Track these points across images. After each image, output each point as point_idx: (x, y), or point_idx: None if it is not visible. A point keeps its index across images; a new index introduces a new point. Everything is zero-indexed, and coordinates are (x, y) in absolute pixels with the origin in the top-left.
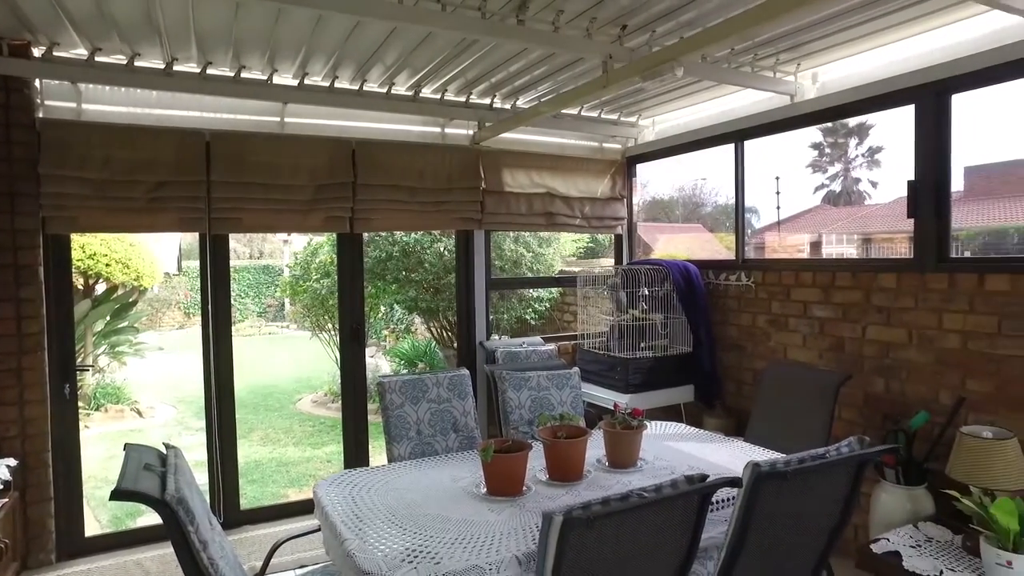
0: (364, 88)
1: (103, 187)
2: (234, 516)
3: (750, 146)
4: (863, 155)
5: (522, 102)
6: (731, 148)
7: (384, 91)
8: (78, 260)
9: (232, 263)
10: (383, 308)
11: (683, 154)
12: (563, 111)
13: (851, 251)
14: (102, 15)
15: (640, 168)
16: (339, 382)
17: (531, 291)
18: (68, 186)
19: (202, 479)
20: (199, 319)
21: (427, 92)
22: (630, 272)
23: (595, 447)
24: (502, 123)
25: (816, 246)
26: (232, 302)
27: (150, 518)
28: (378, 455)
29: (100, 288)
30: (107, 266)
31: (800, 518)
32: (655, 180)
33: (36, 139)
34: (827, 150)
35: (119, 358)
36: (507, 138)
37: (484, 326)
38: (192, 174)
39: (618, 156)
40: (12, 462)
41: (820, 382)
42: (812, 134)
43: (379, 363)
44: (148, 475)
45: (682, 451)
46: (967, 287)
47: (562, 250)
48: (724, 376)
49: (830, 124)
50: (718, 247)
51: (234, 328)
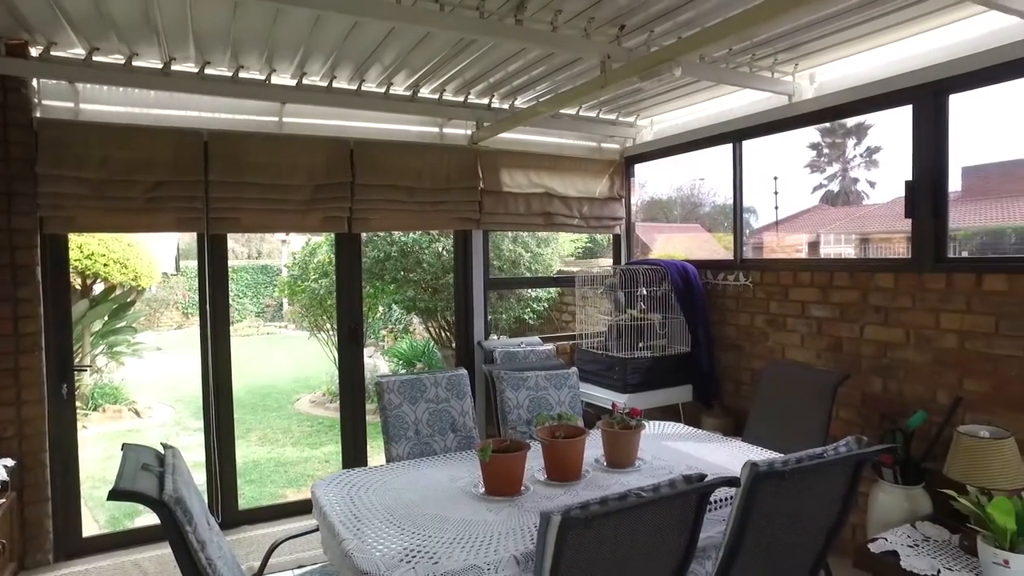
0: (362, 88)
1: (101, 187)
2: (232, 516)
3: (748, 146)
4: (861, 155)
5: (520, 102)
6: (729, 148)
7: (382, 91)
8: (76, 260)
9: (230, 263)
10: (381, 308)
11: (681, 154)
12: (561, 111)
13: (849, 251)
14: (100, 15)
15: (638, 168)
16: (337, 382)
17: (529, 291)
18: (65, 186)
19: (200, 479)
20: (197, 319)
21: (425, 92)
22: (628, 272)
23: (593, 447)
24: (500, 123)
25: (814, 246)
26: (230, 302)
27: (148, 518)
28: (376, 455)
29: (98, 288)
30: (105, 266)
31: (798, 518)
32: (653, 180)
33: (33, 139)
34: (825, 150)
35: (117, 358)
36: (505, 138)
37: (482, 326)
38: (190, 174)
39: (616, 156)
40: (9, 462)
41: (818, 382)
42: (810, 134)
43: (377, 363)
44: (146, 475)
45: (680, 451)
46: (964, 287)
47: (560, 250)
48: (722, 376)
49: (828, 124)
50: (716, 247)
51: (232, 328)
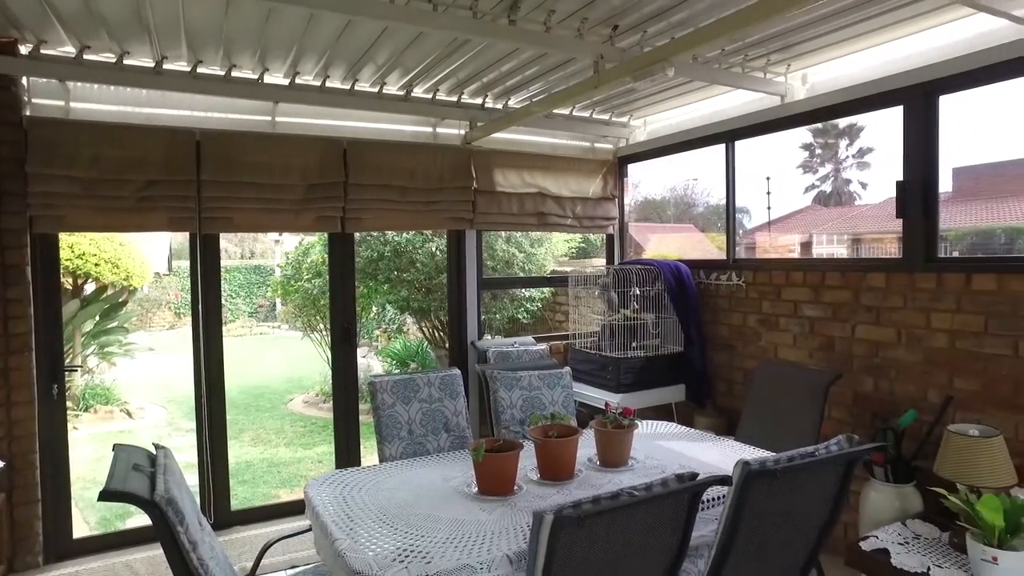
0: (355, 87)
1: (91, 186)
2: (225, 517)
3: (741, 146)
4: (853, 156)
5: (514, 102)
6: (722, 148)
7: (375, 91)
8: (67, 260)
9: (223, 263)
10: (375, 308)
11: (674, 154)
12: (555, 111)
13: (841, 251)
14: (90, 12)
15: (631, 168)
16: (330, 382)
17: (523, 291)
18: (56, 185)
19: (192, 480)
20: (189, 319)
21: (418, 92)
22: (621, 272)
23: (586, 446)
24: (494, 123)
25: (807, 246)
26: (223, 302)
27: (140, 519)
28: (370, 455)
29: (89, 288)
30: (96, 266)
31: (790, 516)
32: (647, 180)
33: (23, 137)
34: (818, 151)
35: (108, 358)
36: (499, 138)
37: (476, 326)
38: (182, 173)
39: (609, 156)
40: None
41: (810, 381)
42: (803, 135)
43: (371, 363)
44: (137, 475)
45: (673, 450)
46: (954, 287)
47: (554, 250)
48: (715, 375)
49: (820, 125)
50: (709, 247)
51: (225, 328)
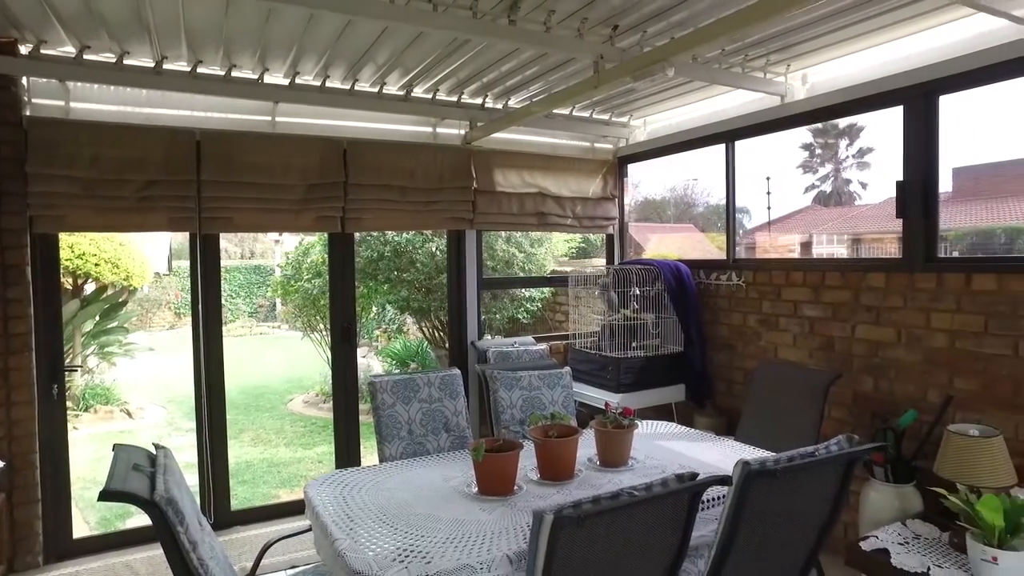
0: (355, 87)
1: (91, 186)
2: (225, 517)
3: (741, 146)
4: (853, 156)
5: (514, 102)
6: (722, 148)
7: (375, 91)
8: (67, 260)
9: (223, 263)
10: (375, 308)
11: (674, 154)
12: (555, 111)
13: (841, 251)
14: (90, 12)
15: (632, 168)
16: (330, 382)
17: (523, 291)
18: (56, 185)
19: (192, 480)
20: (189, 319)
21: (418, 92)
22: (621, 272)
23: (586, 446)
24: (494, 123)
25: (807, 246)
26: (223, 302)
27: (140, 519)
28: (370, 455)
29: (89, 288)
30: (96, 266)
31: (790, 516)
32: (647, 180)
33: (23, 137)
34: (818, 151)
35: (108, 358)
36: (499, 138)
37: (476, 326)
38: (182, 173)
39: (609, 156)
40: None
41: (810, 381)
42: (803, 135)
43: (371, 363)
44: (137, 475)
45: (673, 450)
46: (954, 287)
47: (554, 250)
48: (715, 375)
49: (820, 125)
50: (709, 247)
51: (225, 328)
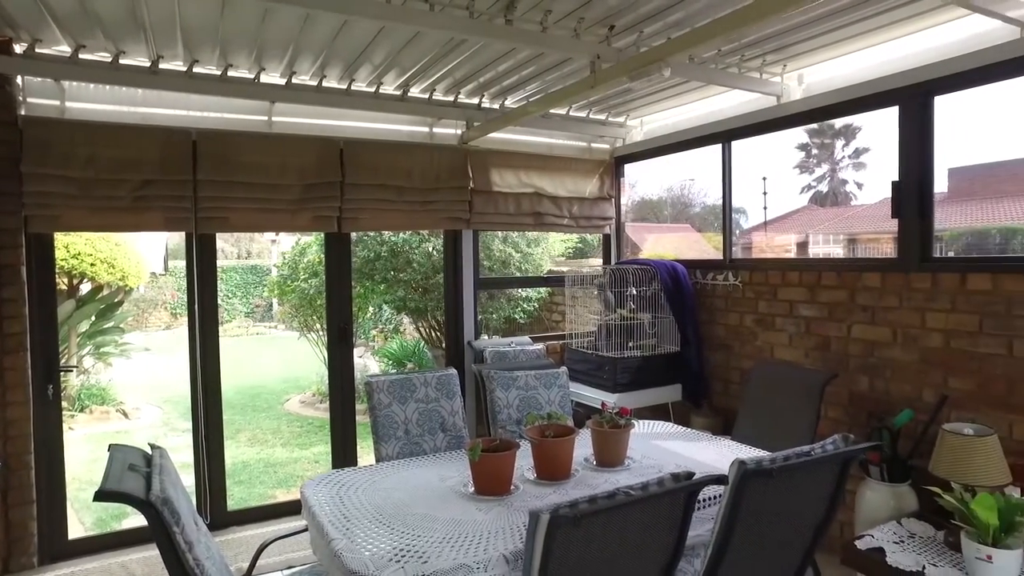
0: (352, 87)
1: (87, 186)
2: (221, 517)
3: (737, 147)
4: (849, 156)
5: (510, 102)
6: (719, 148)
7: (372, 90)
8: (62, 260)
9: (219, 263)
10: (371, 308)
11: (671, 154)
12: (551, 111)
13: (837, 251)
14: (85, 12)
15: (628, 168)
16: (327, 382)
17: (519, 291)
18: (51, 184)
19: (188, 480)
20: (186, 319)
21: (415, 91)
22: (618, 272)
23: (583, 446)
24: (490, 123)
25: (803, 246)
26: (219, 302)
27: (135, 520)
28: (366, 455)
29: (85, 288)
30: (92, 266)
31: (786, 515)
32: (644, 180)
33: (18, 137)
34: (814, 151)
35: (104, 359)
36: (495, 138)
37: (472, 326)
38: (178, 173)
39: (606, 156)
40: None
41: (806, 381)
42: (799, 135)
43: (368, 363)
44: (133, 476)
45: (669, 450)
46: (949, 286)
47: (551, 250)
48: (711, 375)
49: (816, 126)
50: (706, 247)
51: (221, 328)
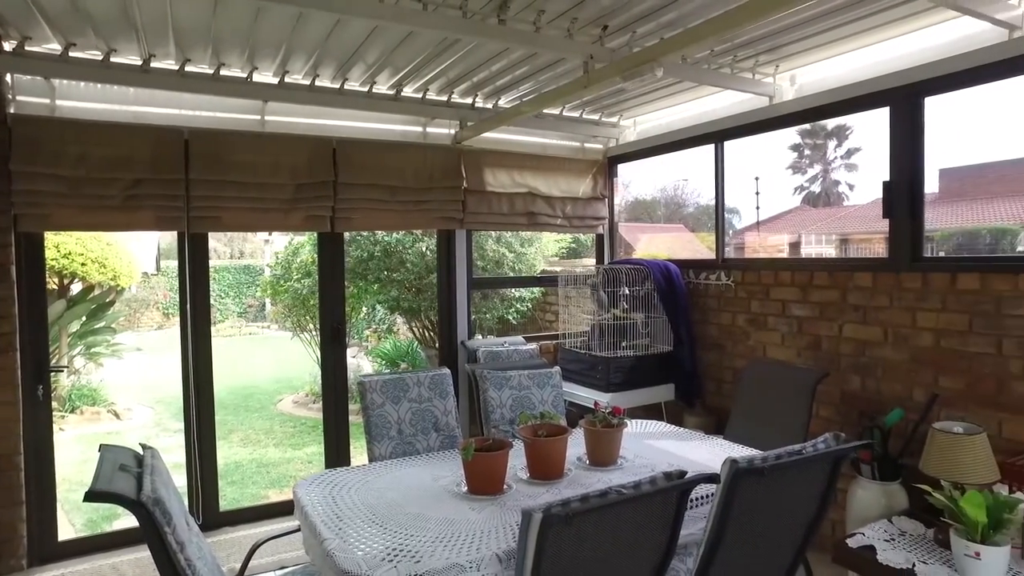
0: (345, 87)
1: (78, 184)
2: (213, 518)
3: (730, 147)
4: (841, 157)
5: (504, 102)
6: (711, 149)
7: (365, 90)
8: (52, 259)
9: (212, 263)
10: (365, 308)
11: (664, 154)
12: (544, 111)
13: (830, 251)
14: (76, 10)
15: (621, 168)
16: (320, 382)
17: (513, 291)
18: (41, 183)
19: (180, 481)
20: (178, 319)
21: (408, 91)
22: (611, 272)
23: (576, 445)
24: (484, 122)
25: (795, 246)
26: (212, 302)
27: (127, 521)
28: (359, 455)
29: (76, 288)
30: (83, 265)
31: (777, 514)
32: (637, 181)
33: (7, 135)
34: (807, 152)
35: (95, 359)
36: (489, 137)
37: (466, 326)
38: (170, 172)
39: (599, 156)
40: None
41: (798, 380)
42: (792, 136)
43: (361, 363)
44: (124, 476)
45: (662, 449)
46: (940, 286)
47: (544, 250)
48: (704, 375)
49: (809, 126)
50: (699, 247)
51: (214, 328)
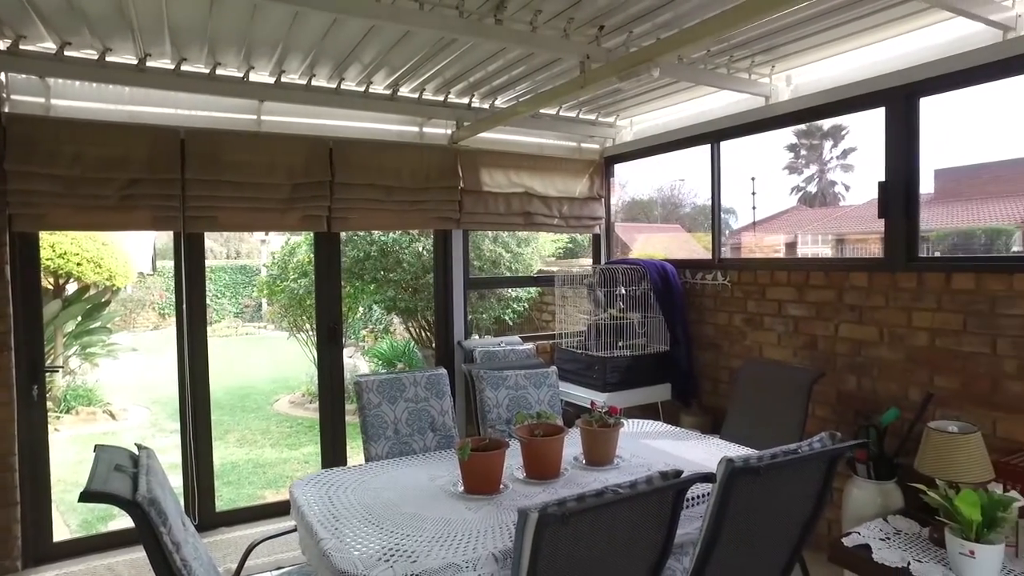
0: (342, 86)
1: (73, 184)
2: (209, 518)
3: (727, 147)
4: (837, 157)
5: (500, 102)
6: (708, 149)
7: (362, 89)
8: (48, 259)
9: (208, 263)
10: (361, 308)
11: (661, 154)
12: (541, 111)
13: (826, 251)
14: (71, 9)
15: (618, 168)
16: (316, 383)
17: (509, 291)
18: (36, 183)
19: (176, 481)
20: (174, 320)
21: (405, 91)
22: (608, 272)
23: (572, 445)
24: (480, 122)
25: (791, 246)
26: (208, 302)
27: (122, 522)
28: (356, 455)
29: (71, 288)
30: (78, 265)
31: (773, 513)
32: (634, 181)
33: (2, 135)
34: (803, 152)
35: (91, 359)
36: (485, 137)
37: (462, 326)
38: (166, 172)
39: (596, 156)
40: None
41: (794, 380)
42: (788, 136)
43: (358, 363)
44: (119, 476)
45: (659, 449)
46: (935, 286)
47: (541, 250)
48: (700, 374)
49: (805, 127)
50: (696, 247)
51: (210, 329)
